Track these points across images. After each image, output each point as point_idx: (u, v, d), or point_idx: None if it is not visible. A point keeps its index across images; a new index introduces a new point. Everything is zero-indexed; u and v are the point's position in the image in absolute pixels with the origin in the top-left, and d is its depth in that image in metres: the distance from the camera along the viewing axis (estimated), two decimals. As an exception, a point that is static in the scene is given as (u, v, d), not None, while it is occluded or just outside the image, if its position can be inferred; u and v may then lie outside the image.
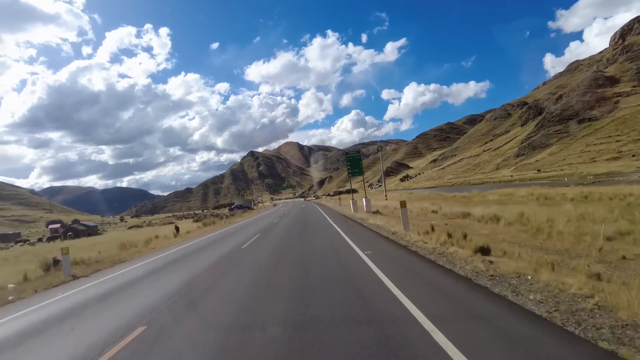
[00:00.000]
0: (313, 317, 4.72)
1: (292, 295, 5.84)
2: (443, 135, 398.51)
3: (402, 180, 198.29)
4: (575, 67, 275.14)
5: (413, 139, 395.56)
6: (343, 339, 3.88)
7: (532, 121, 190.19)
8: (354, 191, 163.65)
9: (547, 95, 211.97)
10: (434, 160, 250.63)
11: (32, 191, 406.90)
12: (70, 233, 54.69)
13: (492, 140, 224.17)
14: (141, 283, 8.72)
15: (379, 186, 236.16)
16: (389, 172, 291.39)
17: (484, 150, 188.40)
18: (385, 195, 35.75)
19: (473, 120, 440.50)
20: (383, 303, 4.96)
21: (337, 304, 5.09)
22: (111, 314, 6.17)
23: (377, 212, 22.81)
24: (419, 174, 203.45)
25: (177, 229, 25.40)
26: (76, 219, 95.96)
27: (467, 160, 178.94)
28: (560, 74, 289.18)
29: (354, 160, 30.79)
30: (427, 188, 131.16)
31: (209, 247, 15.50)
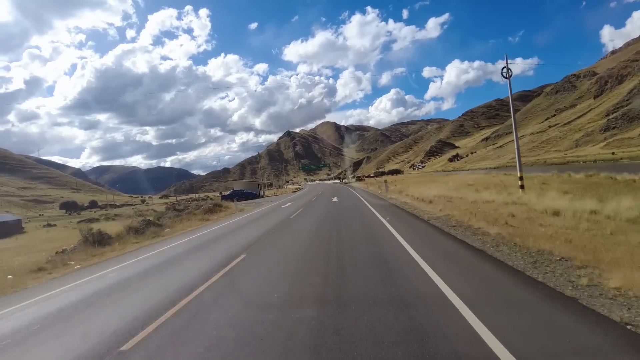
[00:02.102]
0: None
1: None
2: (492, 112, 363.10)
3: (450, 160, 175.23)
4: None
5: (459, 117, 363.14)
6: None
7: (610, 91, 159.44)
8: (397, 172, 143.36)
9: (624, 63, 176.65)
10: (486, 139, 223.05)
11: (78, 171, 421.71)
12: None
13: (554, 115, 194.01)
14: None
15: (423, 167, 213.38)
16: (432, 152, 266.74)
17: (550, 126, 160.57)
18: (521, 181, 17.91)
19: (525, 97, 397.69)
20: None
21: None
22: None
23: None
24: (471, 153, 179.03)
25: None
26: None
27: (530, 137, 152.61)
28: (635, 41, 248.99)
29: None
30: (486, 169, 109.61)
31: None
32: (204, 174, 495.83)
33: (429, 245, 7.72)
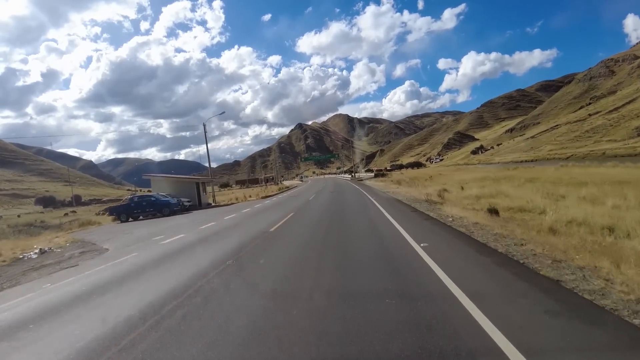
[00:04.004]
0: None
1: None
2: (513, 103, 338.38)
3: (474, 152, 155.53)
4: None
5: (478, 108, 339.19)
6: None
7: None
8: (418, 165, 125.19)
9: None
10: (511, 130, 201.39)
11: (90, 163, 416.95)
12: None
13: (590, 103, 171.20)
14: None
15: (441, 160, 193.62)
16: (450, 145, 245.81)
17: (590, 114, 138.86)
18: None
19: (548, 87, 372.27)
20: None
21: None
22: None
23: None
24: (497, 145, 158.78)
25: None
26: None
27: (569, 127, 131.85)
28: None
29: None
30: (523, 161, 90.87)
31: None
32: (216, 166, 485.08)
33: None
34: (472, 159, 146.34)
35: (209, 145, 36.58)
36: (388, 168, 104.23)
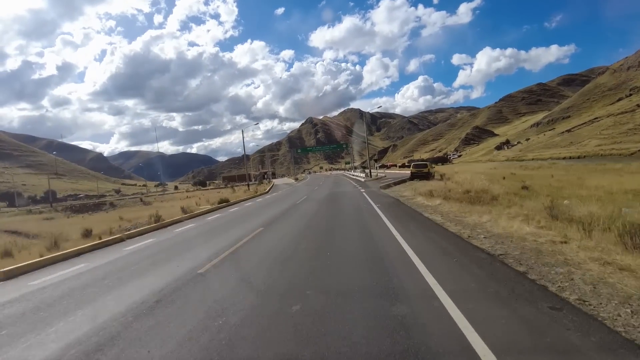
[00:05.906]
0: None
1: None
2: (533, 97, 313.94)
3: (498, 148, 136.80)
4: None
5: (496, 102, 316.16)
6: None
7: None
8: (444, 160, 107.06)
9: None
10: (537, 124, 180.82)
11: (100, 155, 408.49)
12: None
13: (631, 94, 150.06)
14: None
15: (459, 156, 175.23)
16: (469, 140, 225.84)
17: (638, 105, 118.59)
18: None
19: (571, 80, 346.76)
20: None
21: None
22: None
23: None
24: (525, 141, 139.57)
25: None
26: None
27: (614, 119, 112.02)
28: None
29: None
30: (565, 158, 73.05)
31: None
32: (225, 159, 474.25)
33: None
34: (496, 155, 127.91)
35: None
36: (406, 163, 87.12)
